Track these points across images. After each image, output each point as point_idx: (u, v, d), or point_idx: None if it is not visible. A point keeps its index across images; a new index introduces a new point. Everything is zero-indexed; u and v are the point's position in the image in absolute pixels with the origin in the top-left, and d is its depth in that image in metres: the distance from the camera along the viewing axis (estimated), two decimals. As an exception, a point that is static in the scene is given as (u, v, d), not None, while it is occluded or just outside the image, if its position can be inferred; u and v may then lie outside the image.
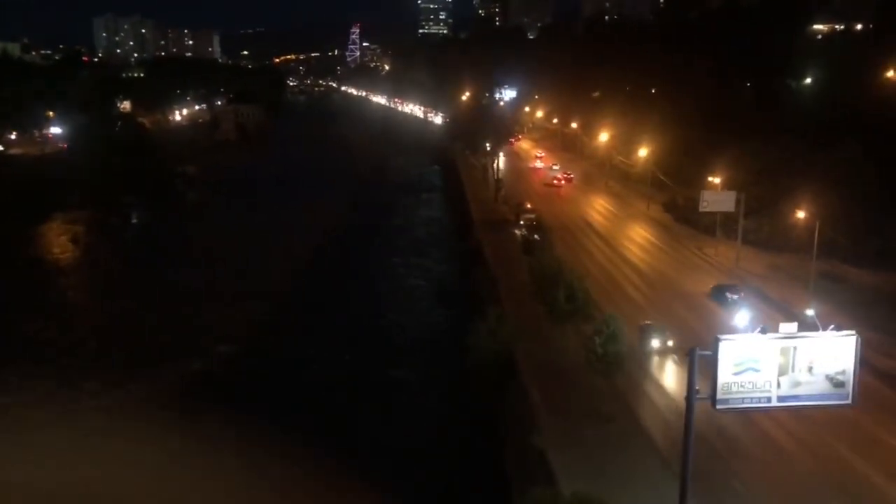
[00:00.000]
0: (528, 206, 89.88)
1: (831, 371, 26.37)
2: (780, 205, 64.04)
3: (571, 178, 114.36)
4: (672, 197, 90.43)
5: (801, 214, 58.39)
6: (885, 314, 51.55)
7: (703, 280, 64.16)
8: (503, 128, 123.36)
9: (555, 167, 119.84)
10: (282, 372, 55.32)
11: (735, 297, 56.18)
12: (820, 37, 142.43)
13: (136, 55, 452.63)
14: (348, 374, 54.71)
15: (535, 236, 67.66)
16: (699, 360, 25.90)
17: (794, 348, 26.18)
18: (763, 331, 26.17)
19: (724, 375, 26.11)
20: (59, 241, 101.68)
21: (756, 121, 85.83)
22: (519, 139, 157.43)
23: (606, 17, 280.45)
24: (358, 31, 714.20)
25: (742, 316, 26.81)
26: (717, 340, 25.85)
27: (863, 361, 46.20)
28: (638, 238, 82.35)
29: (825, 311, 52.74)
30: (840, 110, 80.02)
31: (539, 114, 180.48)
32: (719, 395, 26.15)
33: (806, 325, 27.81)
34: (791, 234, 63.41)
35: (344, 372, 54.98)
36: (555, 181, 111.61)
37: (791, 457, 35.68)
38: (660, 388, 41.50)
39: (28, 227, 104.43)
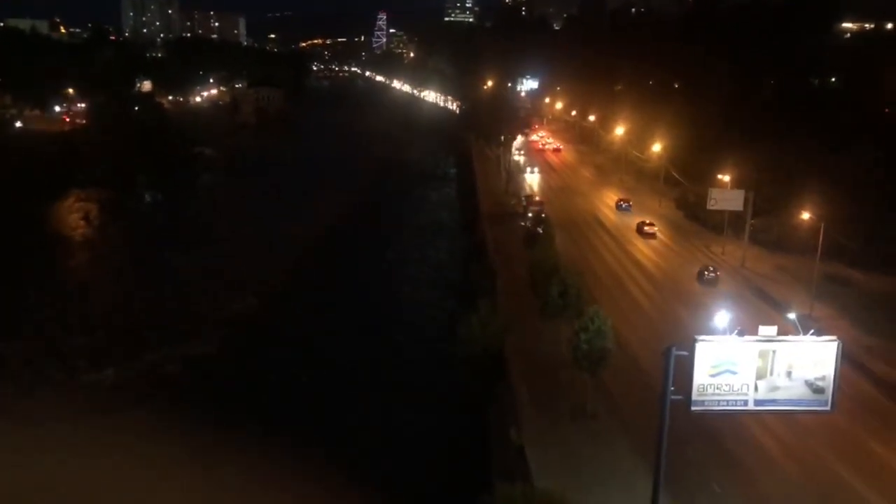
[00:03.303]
0: (537, 197, 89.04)
1: (811, 376, 25.65)
2: (791, 206, 62.70)
3: (560, 149, 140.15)
4: (684, 194, 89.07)
5: (805, 216, 57.15)
6: (890, 320, 50.39)
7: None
8: (518, 119, 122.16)
9: (549, 140, 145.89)
10: (272, 359, 55.39)
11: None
12: (848, 35, 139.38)
13: (161, 36, 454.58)
14: (337, 363, 54.50)
15: (539, 229, 66.85)
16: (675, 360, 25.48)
17: (773, 352, 25.51)
18: (741, 333, 25.52)
19: (701, 377, 25.54)
20: (72, 218, 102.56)
21: (773, 120, 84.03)
22: (536, 130, 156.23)
23: (633, 10, 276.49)
24: (385, 17, 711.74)
25: (721, 317, 25.79)
26: (694, 341, 25.28)
27: (862, 368, 45.43)
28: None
29: (828, 314, 51.87)
30: (860, 111, 78.21)
31: (559, 105, 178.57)
32: (695, 397, 25.62)
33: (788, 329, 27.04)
34: (799, 236, 62.14)
35: (333, 361, 54.74)
36: (540, 146, 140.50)
37: (776, 463, 34.92)
38: (646, 385, 40.77)
39: (43, 203, 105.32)
